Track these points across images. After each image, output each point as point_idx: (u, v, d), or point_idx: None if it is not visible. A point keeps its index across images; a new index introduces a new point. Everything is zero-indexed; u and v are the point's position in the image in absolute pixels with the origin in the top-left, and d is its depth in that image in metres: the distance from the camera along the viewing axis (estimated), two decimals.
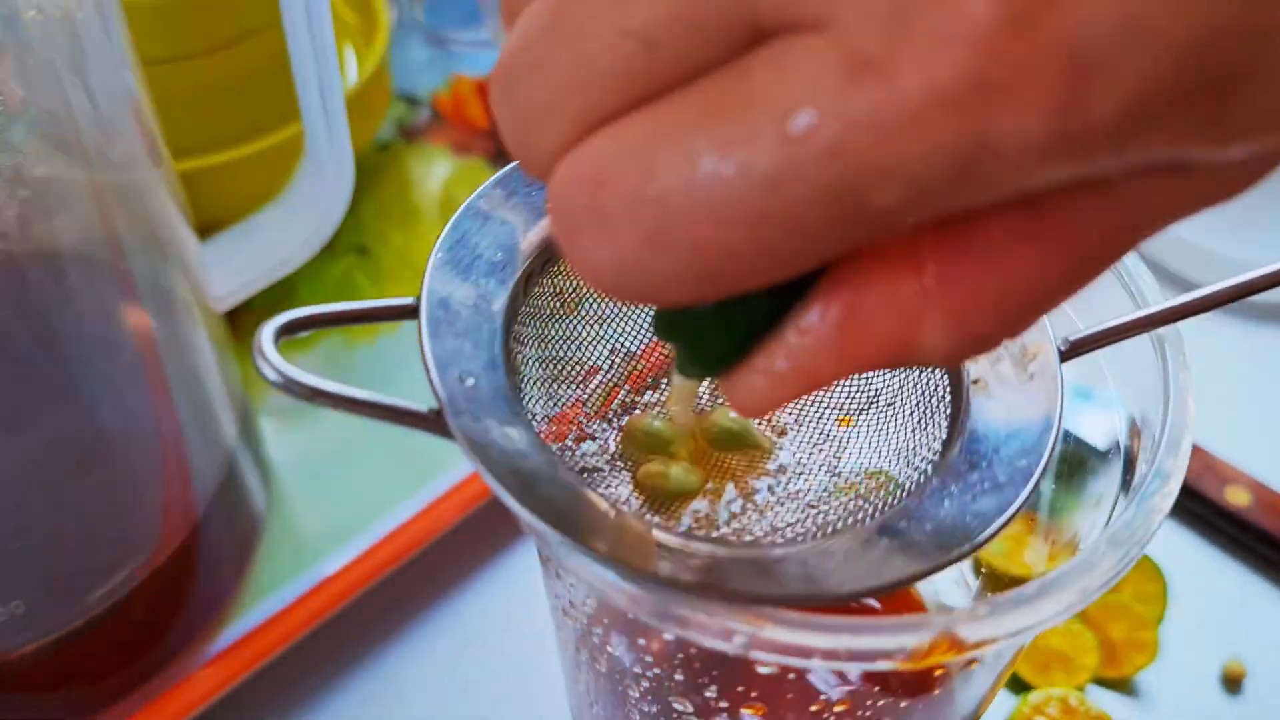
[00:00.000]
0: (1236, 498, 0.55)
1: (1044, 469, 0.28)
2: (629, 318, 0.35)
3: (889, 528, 0.28)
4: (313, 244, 0.49)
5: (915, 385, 0.33)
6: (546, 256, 0.32)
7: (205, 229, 0.49)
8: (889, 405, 0.34)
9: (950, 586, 0.42)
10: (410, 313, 0.29)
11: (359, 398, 0.27)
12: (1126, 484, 0.33)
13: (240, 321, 0.57)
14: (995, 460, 0.29)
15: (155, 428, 0.45)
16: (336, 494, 0.55)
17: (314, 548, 0.53)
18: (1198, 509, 0.56)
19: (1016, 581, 0.43)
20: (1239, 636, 0.53)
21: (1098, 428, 0.35)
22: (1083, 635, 0.52)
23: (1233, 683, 0.51)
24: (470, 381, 0.28)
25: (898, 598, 0.42)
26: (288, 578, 0.52)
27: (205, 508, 0.48)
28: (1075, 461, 0.35)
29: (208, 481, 0.49)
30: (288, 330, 0.28)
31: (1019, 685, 0.51)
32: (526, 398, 0.31)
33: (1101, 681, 0.52)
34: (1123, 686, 0.52)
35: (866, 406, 0.34)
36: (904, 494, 0.30)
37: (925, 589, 0.42)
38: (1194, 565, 0.55)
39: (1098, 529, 0.33)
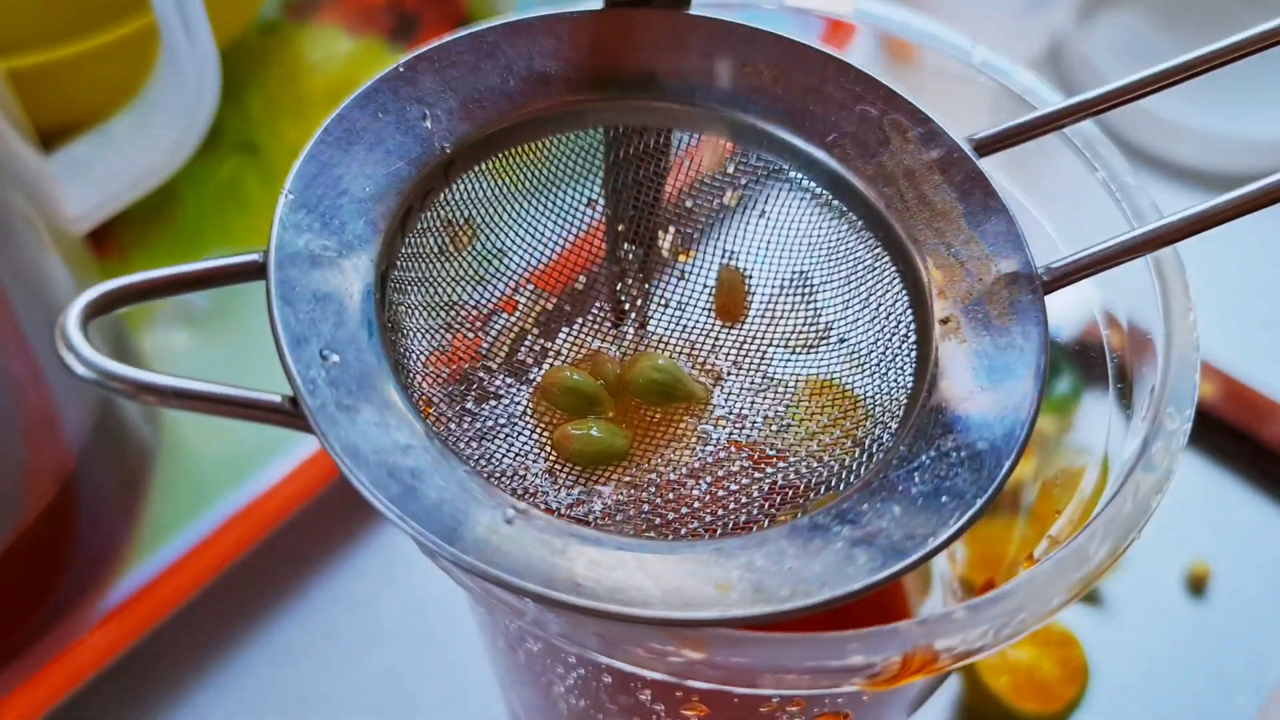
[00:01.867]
0: (1199, 390, 0.51)
1: (1030, 425, 0.24)
2: (536, 247, 0.29)
3: (846, 514, 0.23)
4: (180, 151, 0.42)
5: (873, 318, 0.28)
6: (430, 185, 0.26)
7: (51, 139, 0.42)
8: (841, 342, 0.28)
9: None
10: (256, 272, 0.24)
11: (195, 390, 0.22)
12: (1124, 403, 0.28)
13: (114, 238, 0.51)
14: (971, 419, 0.24)
15: (6, 370, 0.39)
16: (236, 425, 0.50)
17: (211, 483, 0.48)
18: None
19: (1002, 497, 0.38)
20: (1203, 538, 0.49)
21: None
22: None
23: (1197, 585, 0.48)
24: (335, 358, 0.23)
25: (877, 601, 0.37)
26: (184, 521, 0.47)
27: (80, 454, 0.43)
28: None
29: (80, 424, 0.43)
30: (99, 309, 0.22)
31: None
32: (411, 359, 0.26)
33: None
34: (1087, 597, 0.48)
35: (815, 343, 0.29)
36: (865, 456, 0.25)
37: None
38: None
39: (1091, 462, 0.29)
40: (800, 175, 0.28)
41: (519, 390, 0.28)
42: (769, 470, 0.26)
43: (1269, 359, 0.53)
